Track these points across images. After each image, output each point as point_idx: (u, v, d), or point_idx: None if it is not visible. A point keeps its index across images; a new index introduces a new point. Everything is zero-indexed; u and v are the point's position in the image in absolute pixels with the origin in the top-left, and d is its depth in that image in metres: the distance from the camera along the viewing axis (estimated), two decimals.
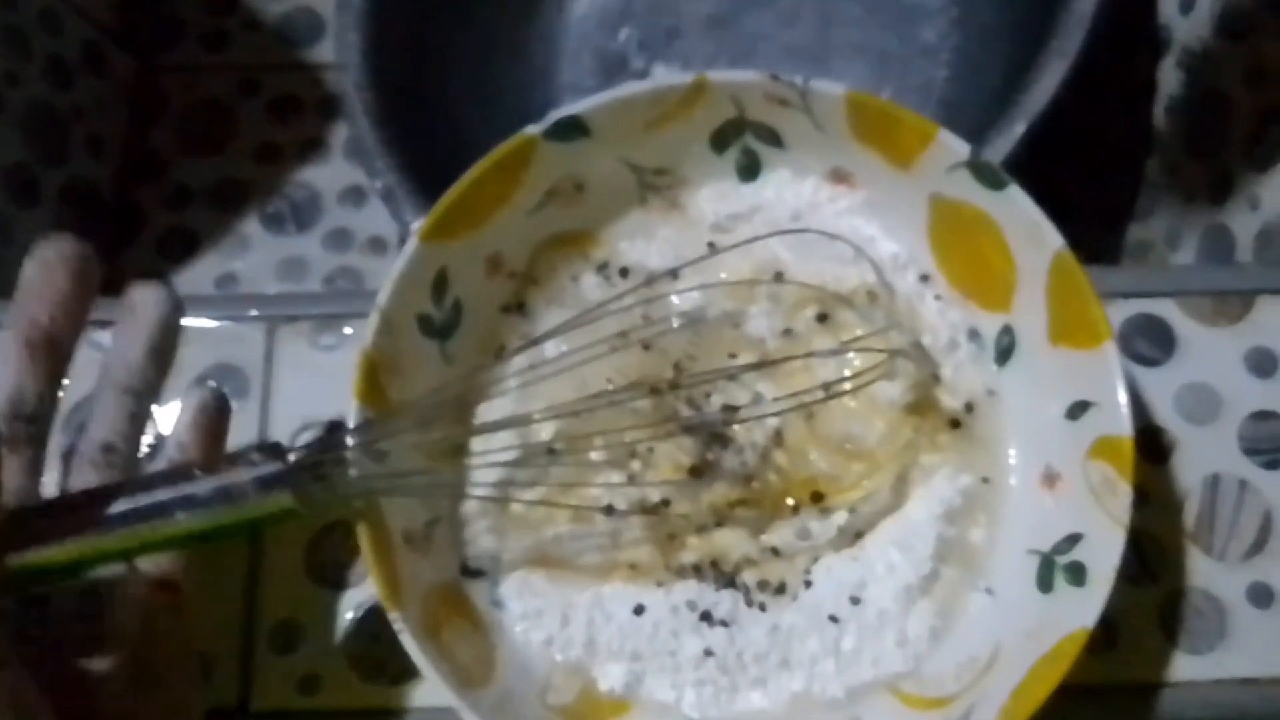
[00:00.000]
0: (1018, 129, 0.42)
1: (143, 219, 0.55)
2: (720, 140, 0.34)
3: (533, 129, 0.32)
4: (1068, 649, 0.28)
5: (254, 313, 0.37)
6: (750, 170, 0.35)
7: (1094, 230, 0.54)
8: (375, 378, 0.30)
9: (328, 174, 0.57)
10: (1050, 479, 0.32)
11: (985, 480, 0.33)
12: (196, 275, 0.55)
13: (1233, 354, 0.37)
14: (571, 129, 0.32)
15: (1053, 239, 0.31)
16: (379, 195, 0.48)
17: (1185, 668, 0.34)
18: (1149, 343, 0.37)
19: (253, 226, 0.56)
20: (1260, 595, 0.35)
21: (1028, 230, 0.31)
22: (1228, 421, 0.36)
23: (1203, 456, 0.36)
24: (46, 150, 0.50)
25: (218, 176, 0.56)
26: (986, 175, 0.32)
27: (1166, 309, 0.37)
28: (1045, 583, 0.31)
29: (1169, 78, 0.49)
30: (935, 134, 0.32)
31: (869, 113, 0.32)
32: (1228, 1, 0.45)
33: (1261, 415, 0.36)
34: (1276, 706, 0.34)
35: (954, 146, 0.32)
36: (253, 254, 0.55)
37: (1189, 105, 0.48)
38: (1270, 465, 0.36)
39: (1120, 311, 0.37)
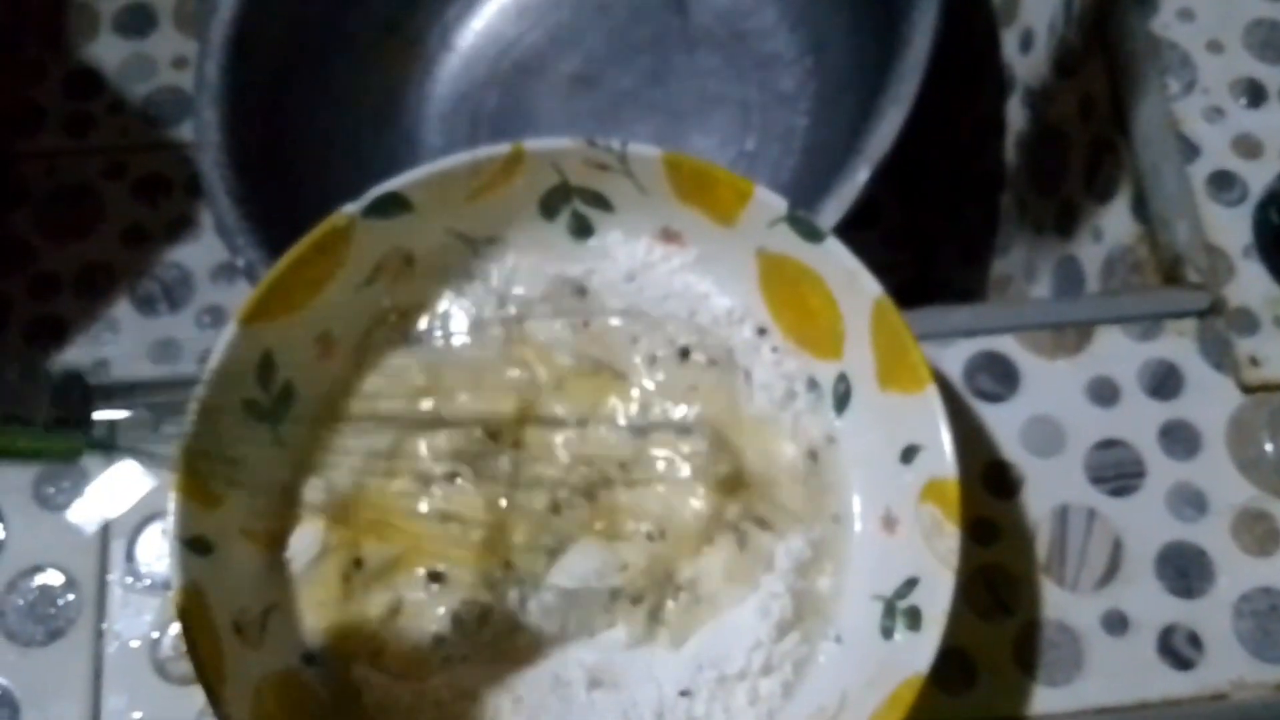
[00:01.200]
0: (861, 176, 0.42)
1: (8, 308, 0.54)
2: (549, 207, 0.34)
3: (350, 208, 0.32)
4: (904, 695, 0.29)
5: None
6: (582, 234, 0.35)
7: (959, 267, 0.55)
8: (197, 469, 0.29)
9: (198, 252, 0.56)
10: (889, 523, 0.32)
11: (835, 520, 0.33)
12: (67, 362, 0.54)
13: (1074, 385, 0.38)
14: (391, 205, 0.32)
15: (870, 287, 0.32)
16: (242, 272, 0.48)
17: (1044, 700, 0.34)
18: (992, 379, 0.38)
19: (123, 309, 0.55)
20: (1114, 623, 0.35)
21: (848, 280, 0.32)
22: (1073, 452, 0.37)
23: (1051, 488, 0.37)
24: None
25: (84, 261, 0.55)
26: (804, 228, 0.32)
27: (1008, 345, 0.38)
28: (887, 629, 0.31)
29: (1015, 115, 0.51)
30: (751, 191, 0.32)
31: (687, 173, 0.33)
32: (1060, 41, 0.46)
33: (1106, 444, 0.37)
34: None
35: (771, 202, 0.32)
36: (124, 337, 0.54)
37: (1033, 141, 0.49)
38: (1116, 493, 0.37)
39: (962, 351, 0.38)
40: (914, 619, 0.30)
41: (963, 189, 0.56)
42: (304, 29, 0.55)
